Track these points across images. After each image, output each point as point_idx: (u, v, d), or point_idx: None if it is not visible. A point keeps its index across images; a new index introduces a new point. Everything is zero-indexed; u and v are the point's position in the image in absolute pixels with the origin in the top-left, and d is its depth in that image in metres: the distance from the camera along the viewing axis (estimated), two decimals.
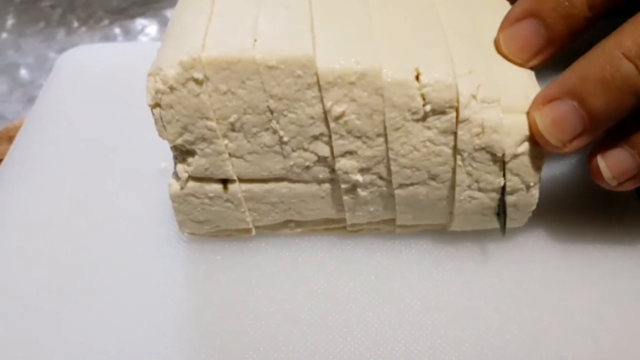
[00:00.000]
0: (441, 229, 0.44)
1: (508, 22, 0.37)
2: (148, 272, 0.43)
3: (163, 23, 0.78)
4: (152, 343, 0.40)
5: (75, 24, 0.80)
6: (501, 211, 0.41)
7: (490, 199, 0.39)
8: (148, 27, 0.79)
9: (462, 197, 0.39)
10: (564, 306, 0.41)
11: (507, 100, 0.36)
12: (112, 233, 0.46)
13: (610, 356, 0.38)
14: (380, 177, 0.39)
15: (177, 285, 0.43)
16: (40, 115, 0.56)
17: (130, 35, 0.78)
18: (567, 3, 0.35)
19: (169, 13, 0.79)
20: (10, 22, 0.80)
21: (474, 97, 0.35)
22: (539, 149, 0.36)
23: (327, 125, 0.36)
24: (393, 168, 0.38)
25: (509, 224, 0.41)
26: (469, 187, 0.38)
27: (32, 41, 0.78)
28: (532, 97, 0.36)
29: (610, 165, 0.36)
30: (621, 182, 0.36)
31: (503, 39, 0.37)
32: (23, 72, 0.74)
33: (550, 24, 0.36)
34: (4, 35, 0.79)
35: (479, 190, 0.38)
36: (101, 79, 0.59)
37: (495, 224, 0.41)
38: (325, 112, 0.36)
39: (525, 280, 0.42)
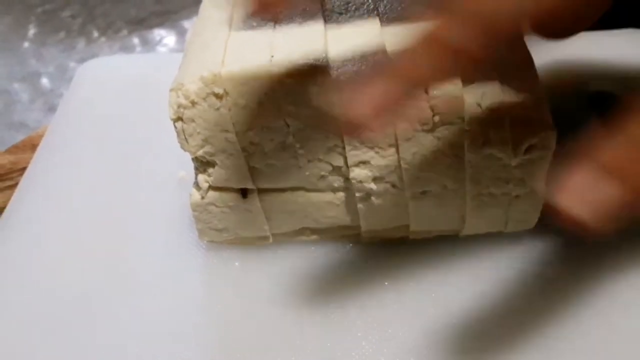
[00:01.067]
0: (454, 234, 0.44)
1: None
2: (167, 279, 0.44)
3: (181, 33, 0.80)
4: (170, 348, 0.40)
5: (95, 34, 0.81)
6: None
7: (500, 202, 0.40)
8: (166, 37, 0.80)
9: (473, 202, 0.40)
10: (577, 310, 0.41)
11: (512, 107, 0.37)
12: (132, 241, 0.47)
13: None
14: (393, 186, 0.40)
15: (195, 291, 0.43)
16: (61, 125, 0.57)
17: (148, 45, 0.80)
18: None
19: (186, 24, 0.80)
20: (31, 31, 0.82)
21: (479, 105, 0.36)
22: (543, 154, 0.37)
23: (341, 137, 0.37)
24: (405, 177, 0.39)
25: (520, 227, 0.43)
26: (479, 192, 0.39)
27: (53, 51, 0.79)
28: (536, 104, 0.37)
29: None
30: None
31: None
32: (44, 81, 0.75)
33: None
34: (26, 44, 0.80)
35: (490, 195, 0.39)
36: (120, 90, 0.60)
37: (503, 228, 0.42)
38: None
39: (538, 284, 0.42)
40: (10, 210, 0.50)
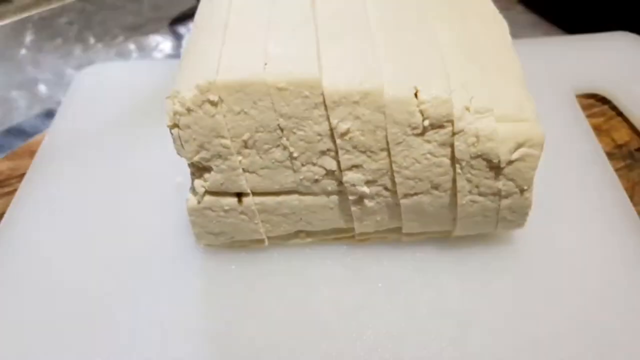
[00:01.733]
0: (445, 236, 0.45)
1: None
2: (166, 282, 0.45)
3: (176, 39, 0.80)
4: (169, 349, 0.41)
5: (92, 41, 0.81)
6: None
7: (490, 202, 0.41)
8: (162, 43, 0.81)
9: (464, 202, 0.41)
10: (565, 311, 0.42)
11: (500, 109, 0.37)
12: (132, 245, 0.47)
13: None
14: (386, 188, 0.41)
15: (193, 293, 0.44)
16: (59, 131, 0.58)
17: (144, 51, 0.80)
18: None
19: (182, 30, 0.81)
20: (29, 38, 0.82)
21: (467, 109, 0.37)
22: (531, 153, 0.38)
23: (334, 141, 0.38)
24: (397, 179, 0.39)
25: (510, 227, 0.43)
26: (469, 192, 0.40)
27: (50, 57, 0.79)
28: (524, 106, 0.38)
29: None
30: None
31: None
32: (42, 88, 0.76)
33: None
34: (23, 51, 0.80)
35: (479, 194, 0.40)
36: (117, 96, 0.61)
37: (494, 228, 0.43)
38: (331, 129, 0.38)
39: (527, 285, 0.43)
40: (9, 216, 0.51)
